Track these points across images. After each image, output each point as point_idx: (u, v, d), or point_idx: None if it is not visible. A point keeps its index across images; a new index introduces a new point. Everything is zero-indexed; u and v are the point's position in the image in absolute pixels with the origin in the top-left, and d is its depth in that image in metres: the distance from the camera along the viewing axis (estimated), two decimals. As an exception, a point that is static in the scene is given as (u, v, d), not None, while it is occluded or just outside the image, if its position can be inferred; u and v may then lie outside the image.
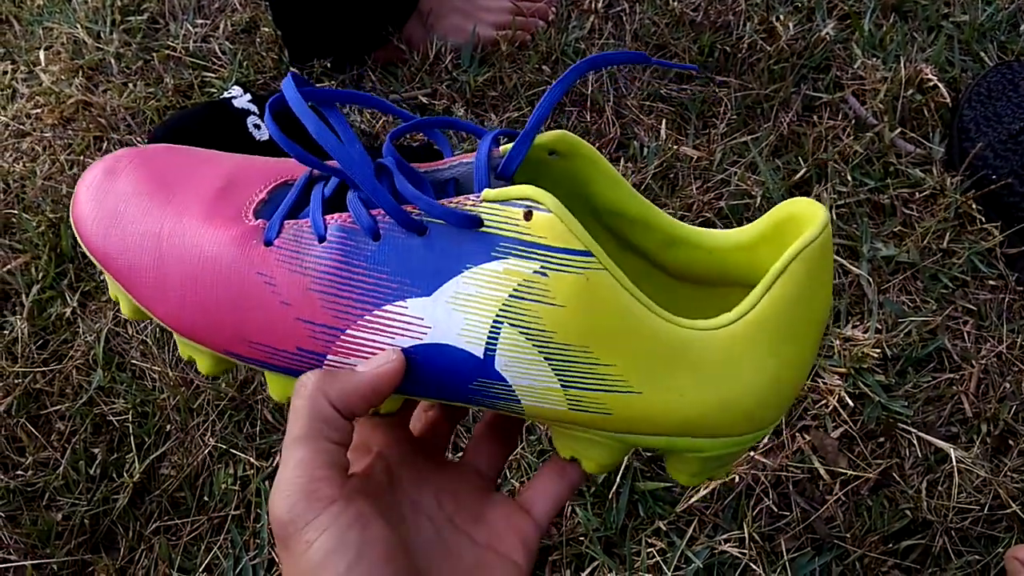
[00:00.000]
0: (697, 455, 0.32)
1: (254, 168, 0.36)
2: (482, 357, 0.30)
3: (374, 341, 0.31)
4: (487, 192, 0.29)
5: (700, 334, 0.29)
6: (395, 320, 0.30)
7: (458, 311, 0.29)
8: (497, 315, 0.29)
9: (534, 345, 0.29)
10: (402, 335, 0.30)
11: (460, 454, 0.51)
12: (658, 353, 0.29)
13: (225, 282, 0.32)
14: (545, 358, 0.29)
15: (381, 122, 0.82)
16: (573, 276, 0.28)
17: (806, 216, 0.30)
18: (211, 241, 0.33)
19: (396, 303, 0.30)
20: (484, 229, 0.29)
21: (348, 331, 0.31)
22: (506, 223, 0.28)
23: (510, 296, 0.29)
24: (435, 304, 0.30)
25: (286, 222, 0.32)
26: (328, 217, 0.31)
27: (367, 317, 0.31)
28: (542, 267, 0.28)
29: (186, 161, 0.36)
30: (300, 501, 0.27)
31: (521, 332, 0.29)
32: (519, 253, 0.28)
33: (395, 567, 0.27)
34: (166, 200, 0.34)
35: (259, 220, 0.33)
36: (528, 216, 0.28)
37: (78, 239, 0.36)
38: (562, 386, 0.30)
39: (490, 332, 0.29)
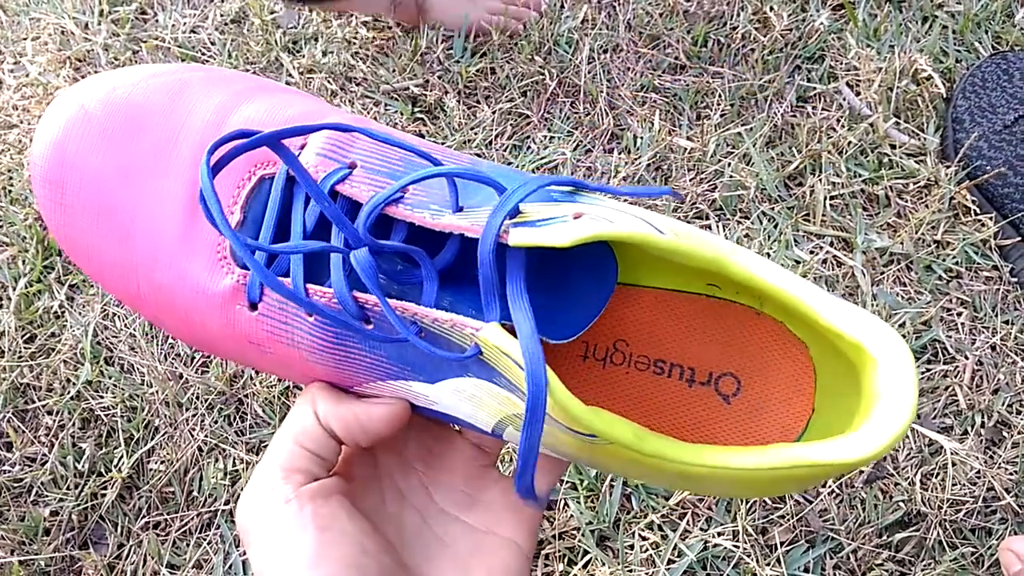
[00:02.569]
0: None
1: (224, 170, 0.30)
2: (491, 432, 0.30)
3: (385, 393, 0.30)
4: (487, 335, 0.24)
5: (713, 471, 0.27)
6: (401, 391, 0.29)
7: (464, 402, 0.28)
8: (502, 419, 0.28)
9: (544, 445, 0.29)
10: (412, 401, 0.30)
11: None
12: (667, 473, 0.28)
13: (222, 345, 0.31)
14: (556, 451, 0.29)
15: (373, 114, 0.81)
16: (578, 441, 0.26)
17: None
18: (194, 301, 0.29)
19: (399, 381, 0.29)
20: (485, 359, 0.25)
21: (355, 388, 0.30)
22: (508, 370, 0.25)
23: (513, 414, 0.27)
24: (440, 391, 0.28)
25: (309, 288, 0.28)
26: (311, 291, 0.27)
27: (371, 384, 0.29)
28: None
29: (135, 163, 0.30)
30: (254, 502, 0.27)
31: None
32: (522, 396, 0.25)
33: (365, 570, 0.26)
34: (124, 235, 0.30)
35: (239, 271, 0.29)
36: None
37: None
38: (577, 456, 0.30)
39: (496, 425, 0.28)
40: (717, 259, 0.26)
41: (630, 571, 0.57)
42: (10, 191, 0.79)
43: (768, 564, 0.57)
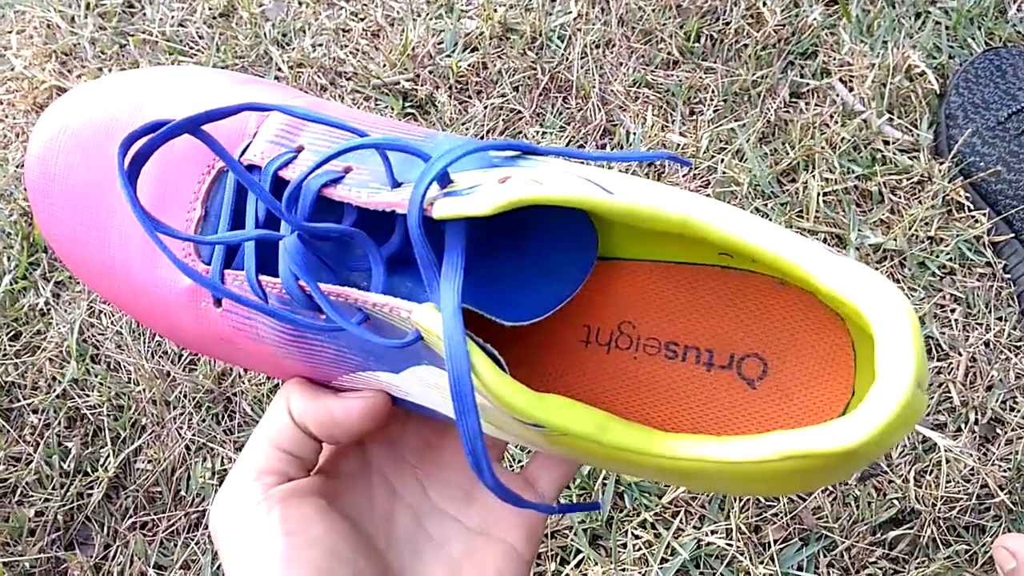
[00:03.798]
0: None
1: (182, 164, 0.29)
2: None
3: (360, 385, 0.28)
4: (419, 318, 0.22)
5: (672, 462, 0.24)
6: (373, 382, 0.28)
7: (431, 391, 0.26)
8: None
9: (517, 437, 0.26)
10: (386, 391, 0.28)
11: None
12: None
13: (200, 343, 0.30)
14: (530, 444, 0.27)
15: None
16: (535, 433, 0.24)
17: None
18: (167, 300, 0.29)
19: (367, 372, 0.27)
20: (428, 344, 0.23)
21: (333, 382, 0.29)
22: None
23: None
24: (406, 381, 0.26)
25: (226, 273, 0.27)
26: (264, 282, 0.26)
27: (345, 377, 0.28)
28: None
29: (108, 171, 0.30)
30: (224, 505, 0.26)
31: (494, 427, 0.26)
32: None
33: (335, 575, 0.25)
34: (103, 241, 0.30)
35: (204, 266, 0.28)
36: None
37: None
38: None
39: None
40: (684, 220, 0.22)
41: (623, 570, 0.57)
42: (-6, 187, 0.78)
43: (762, 562, 0.57)
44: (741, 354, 0.28)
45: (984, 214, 0.71)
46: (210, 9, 0.91)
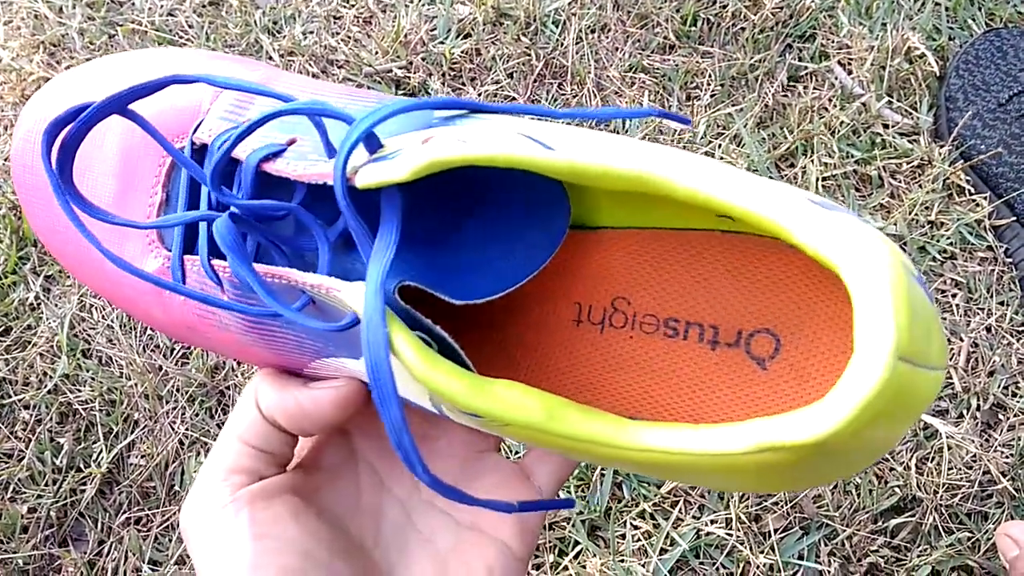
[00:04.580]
0: None
1: (143, 147, 0.28)
2: (438, 411, 0.25)
3: (329, 373, 0.26)
4: (345, 298, 0.21)
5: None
6: (343, 369, 0.25)
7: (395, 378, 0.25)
8: (431, 394, 0.23)
9: (480, 425, 0.24)
10: (360, 378, 0.26)
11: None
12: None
13: (175, 331, 0.29)
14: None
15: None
16: (478, 421, 0.22)
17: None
18: (136, 289, 0.28)
19: (331, 359, 0.25)
20: None
21: (304, 371, 0.27)
22: None
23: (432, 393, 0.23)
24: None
25: (186, 259, 0.26)
26: (216, 266, 0.25)
27: (313, 364, 0.26)
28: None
29: (79, 161, 0.28)
30: (193, 507, 0.25)
31: (468, 416, 0.23)
32: None
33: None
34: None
35: (165, 252, 0.27)
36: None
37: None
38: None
39: (433, 401, 0.24)
40: (640, 176, 0.18)
41: (622, 561, 0.56)
42: (-17, 180, 0.77)
43: (762, 552, 0.56)
44: (750, 330, 0.24)
45: (985, 197, 0.70)
46: (199, -3, 0.89)
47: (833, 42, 0.81)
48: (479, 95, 0.78)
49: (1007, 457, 0.59)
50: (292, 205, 0.23)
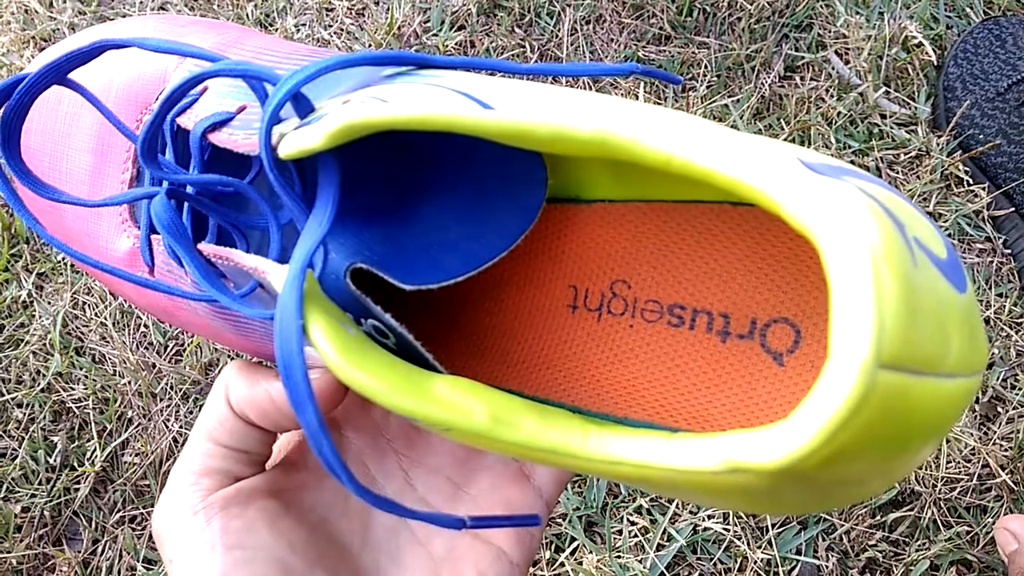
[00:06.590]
0: None
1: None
2: None
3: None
4: (273, 278, 0.19)
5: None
6: (319, 359, 0.25)
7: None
8: None
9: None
10: None
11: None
12: None
13: (155, 314, 0.28)
14: None
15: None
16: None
17: None
18: (112, 270, 0.28)
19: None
20: None
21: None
22: None
23: None
24: None
25: (153, 238, 0.24)
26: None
27: None
28: None
29: (52, 126, 0.27)
30: (163, 512, 0.24)
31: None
32: None
33: None
34: (60, 210, 0.28)
35: (135, 231, 0.25)
36: None
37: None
38: None
39: None
40: (602, 138, 0.15)
41: (619, 557, 0.56)
42: (-26, 177, 0.76)
43: (760, 547, 0.56)
44: (766, 319, 0.21)
45: (984, 188, 0.70)
46: (191, -9, 0.88)
47: (830, 32, 0.80)
48: (473, 88, 0.78)
49: (1006, 450, 0.59)
50: (235, 180, 0.21)
